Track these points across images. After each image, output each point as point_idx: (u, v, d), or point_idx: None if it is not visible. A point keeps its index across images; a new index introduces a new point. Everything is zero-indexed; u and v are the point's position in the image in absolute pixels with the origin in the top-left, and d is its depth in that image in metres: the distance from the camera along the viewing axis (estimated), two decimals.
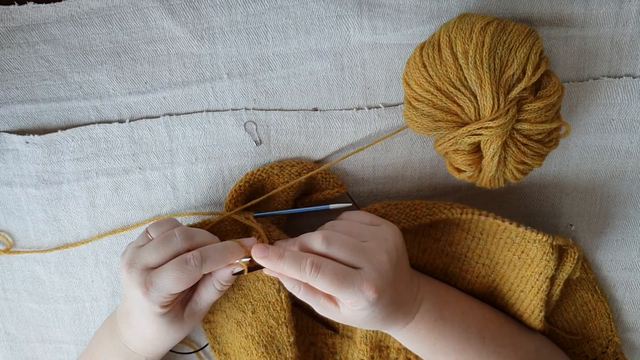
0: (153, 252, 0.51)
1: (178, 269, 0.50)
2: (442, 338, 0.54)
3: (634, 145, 0.59)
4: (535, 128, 0.49)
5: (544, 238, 0.54)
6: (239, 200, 0.59)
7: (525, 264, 0.56)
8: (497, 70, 0.47)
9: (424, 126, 0.51)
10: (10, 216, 0.65)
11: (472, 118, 0.49)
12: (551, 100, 0.49)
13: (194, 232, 0.53)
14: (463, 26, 0.49)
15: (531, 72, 0.48)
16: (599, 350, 0.63)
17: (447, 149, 0.52)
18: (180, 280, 0.50)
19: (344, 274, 0.47)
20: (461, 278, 0.60)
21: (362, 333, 0.60)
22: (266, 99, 0.60)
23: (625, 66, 0.57)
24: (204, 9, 0.57)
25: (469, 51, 0.48)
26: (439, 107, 0.50)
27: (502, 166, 0.51)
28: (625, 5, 0.55)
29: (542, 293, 0.56)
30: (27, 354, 0.70)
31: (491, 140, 0.49)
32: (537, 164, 0.52)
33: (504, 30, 0.48)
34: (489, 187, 0.53)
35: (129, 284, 0.51)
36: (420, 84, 0.50)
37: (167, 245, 0.51)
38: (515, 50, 0.48)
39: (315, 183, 0.60)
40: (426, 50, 0.50)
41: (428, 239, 0.59)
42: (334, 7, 0.56)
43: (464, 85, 0.48)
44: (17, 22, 0.58)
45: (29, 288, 0.67)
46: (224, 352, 0.61)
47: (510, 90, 0.48)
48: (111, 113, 0.61)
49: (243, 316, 0.57)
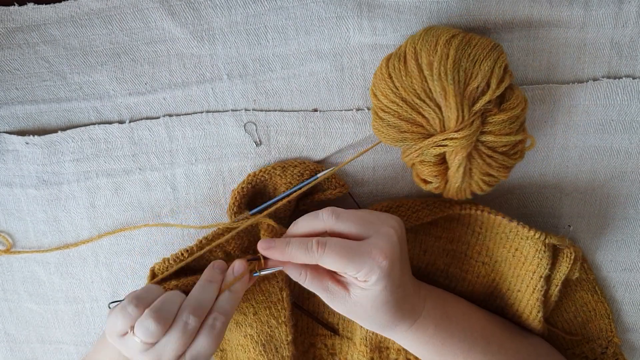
0: (173, 342, 0.48)
1: (182, 336, 0.48)
2: (450, 337, 0.53)
3: (634, 146, 0.59)
4: (500, 140, 0.50)
5: (536, 235, 0.54)
6: (243, 203, 0.59)
7: (520, 262, 0.56)
8: (461, 82, 0.48)
9: (391, 137, 0.52)
10: (10, 217, 0.65)
11: (437, 129, 0.50)
12: (515, 113, 0.49)
13: (145, 296, 0.50)
14: (429, 38, 0.49)
15: (495, 85, 0.48)
16: (599, 351, 0.63)
17: (414, 159, 0.52)
18: (184, 344, 0.49)
19: (351, 246, 0.47)
20: (462, 279, 0.60)
21: (362, 334, 0.60)
22: (266, 100, 0.60)
23: (625, 67, 0.57)
24: (204, 10, 0.57)
25: (433, 63, 0.48)
26: (404, 118, 0.51)
27: (468, 178, 0.52)
28: (625, 6, 0.55)
29: (537, 293, 0.56)
30: (27, 354, 0.70)
31: (456, 151, 0.49)
32: (503, 176, 0.53)
33: (469, 44, 0.49)
34: (455, 198, 0.54)
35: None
36: (387, 95, 0.51)
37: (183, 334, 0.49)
38: (480, 63, 0.48)
39: (318, 184, 0.60)
40: (392, 61, 0.51)
41: (429, 238, 0.60)
42: (334, 8, 0.56)
43: (429, 97, 0.49)
44: (17, 23, 0.58)
45: (29, 289, 0.67)
46: (221, 348, 0.62)
47: (475, 103, 0.49)
48: (111, 114, 0.61)
49: (244, 318, 0.57)
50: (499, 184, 0.61)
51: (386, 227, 0.49)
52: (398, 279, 0.49)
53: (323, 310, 0.62)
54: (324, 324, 0.62)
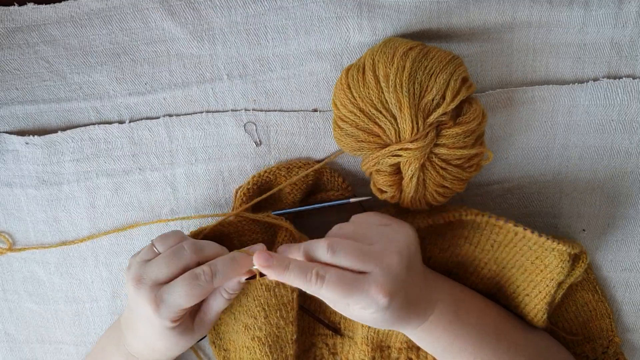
0: (163, 267, 0.50)
1: (189, 284, 0.49)
2: (458, 338, 0.53)
3: (634, 145, 0.59)
4: (453, 153, 0.50)
5: (563, 247, 0.53)
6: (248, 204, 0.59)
7: (538, 269, 0.55)
8: (416, 94, 0.49)
9: (349, 146, 0.53)
10: (10, 217, 0.65)
11: (393, 140, 0.50)
12: (470, 127, 0.50)
13: (202, 245, 0.52)
14: (386, 50, 0.50)
15: (450, 99, 0.49)
16: (600, 351, 0.63)
17: (371, 168, 0.53)
18: (191, 296, 0.49)
19: (350, 281, 0.46)
20: (465, 279, 0.60)
21: (364, 333, 0.60)
22: (266, 100, 0.60)
23: (625, 67, 0.57)
24: (204, 10, 0.57)
25: (389, 75, 0.49)
26: (361, 127, 0.51)
27: (422, 188, 0.52)
28: (625, 7, 0.55)
29: (548, 297, 0.55)
30: (26, 354, 0.70)
31: (409, 161, 0.50)
32: (459, 188, 0.53)
33: (426, 56, 0.49)
34: (411, 208, 0.55)
35: (138, 300, 0.50)
36: (345, 104, 0.51)
37: (177, 260, 0.50)
38: (436, 76, 0.49)
39: (321, 183, 0.60)
40: (352, 72, 0.52)
41: (434, 248, 0.59)
42: (334, 8, 0.56)
43: (385, 108, 0.50)
44: (17, 23, 0.58)
45: (29, 289, 0.67)
46: (224, 348, 0.62)
47: (429, 115, 0.49)
48: (111, 114, 0.61)
49: (254, 322, 0.57)
50: (499, 184, 0.61)
51: (389, 257, 0.48)
52: (402, 300, 0.48)
53: (325, 309, 0.62)
54: (327, 325, 0.62)
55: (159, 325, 0.51)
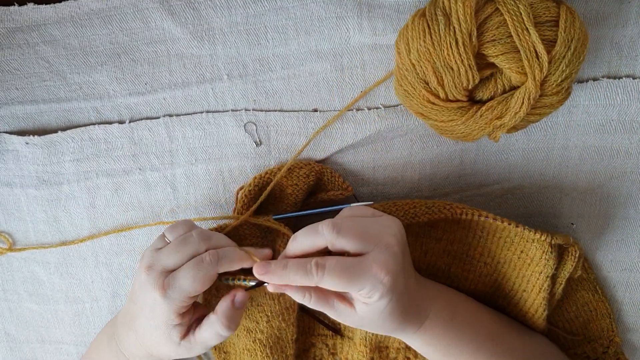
0: (172, 254, 0.51)
1: (194, 267, 0.50)
2: (458, 338, 0.53)
3: (634, 146, 0.59)
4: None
5: (542, 237, 0.54)
6: (250, 205, 0.59)
7: (525, 263, 0.56)
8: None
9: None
10: (10, 217, 0.65)
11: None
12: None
13: (210, 234, 0.53)
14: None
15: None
16: (600, 351, 0.63)
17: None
18: (196, 279, 0.49)
19: (351, 265, 0.46)
20: (463, 278, 0.60)
21: (362, 334, 0.60)
22: (266, 100, 0.60)
23: (625, 67, 0.57)
24: (204, 10, 0.57)
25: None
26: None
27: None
28: (625, 6, 0.55)
29: (544, 292, 0.56)
30: (27, 354, 0.70)
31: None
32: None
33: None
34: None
35: (147, 287, 0.50)
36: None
37: (185, 247, 0.51)
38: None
39: (322, 183, 0.60)
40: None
41: (429, 240, 0.59)
42: (334, 8, 0.56)
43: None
44: (17, 23, 0.58)
45: (29, 289, 0.67)
46: (224, 351, 0.62)
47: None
48: (111, 114, 0.61)
49: (255, 325, 0.57)
50: (499, 184, 0.61)
51: (387, 237, 0.48)
52: (402, 287, 0.48)
53: None
54: (327, 325, 0.62)
55: (161, 314, 0.50)
